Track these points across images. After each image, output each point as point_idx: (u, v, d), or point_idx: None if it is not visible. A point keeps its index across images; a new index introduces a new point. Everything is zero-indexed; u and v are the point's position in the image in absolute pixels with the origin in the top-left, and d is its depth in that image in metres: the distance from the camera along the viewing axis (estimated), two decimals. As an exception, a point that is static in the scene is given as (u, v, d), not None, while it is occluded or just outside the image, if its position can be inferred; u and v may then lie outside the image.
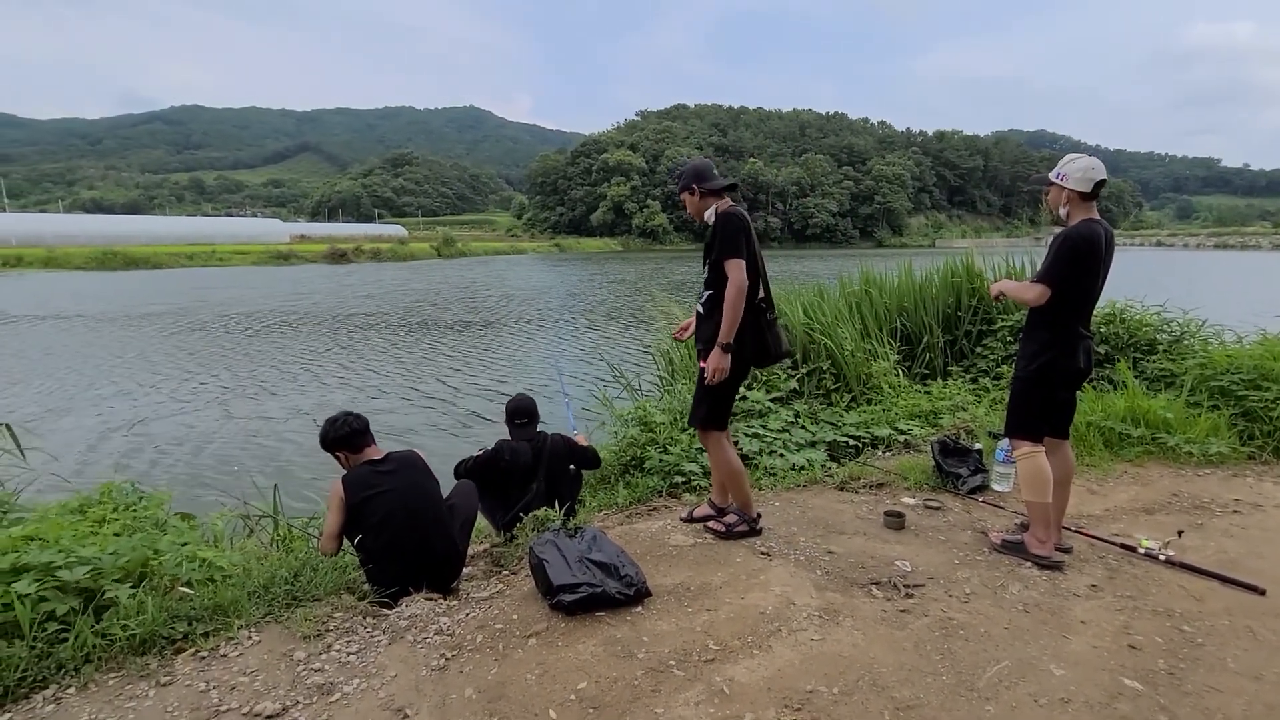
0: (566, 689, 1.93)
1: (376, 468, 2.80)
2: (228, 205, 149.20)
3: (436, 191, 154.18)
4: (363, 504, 2.70)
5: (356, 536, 2.72)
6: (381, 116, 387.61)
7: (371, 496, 2.71)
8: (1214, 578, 2.60)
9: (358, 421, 2.89)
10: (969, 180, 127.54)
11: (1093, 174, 2.57)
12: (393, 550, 2.65)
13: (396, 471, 2.80)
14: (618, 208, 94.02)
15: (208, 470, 6.46)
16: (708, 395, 2.79)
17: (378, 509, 2.69)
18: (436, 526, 2.76)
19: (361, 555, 2.72)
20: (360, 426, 2.88)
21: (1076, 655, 2.11)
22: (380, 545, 2.66)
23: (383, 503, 2.70)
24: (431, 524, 2.75)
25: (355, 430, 2.86)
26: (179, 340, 14.27)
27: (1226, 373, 4.46)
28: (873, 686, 1.94)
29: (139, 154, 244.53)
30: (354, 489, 2.73)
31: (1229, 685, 1.96)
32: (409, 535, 2.67)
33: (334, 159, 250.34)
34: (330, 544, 2.76)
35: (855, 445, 4.45)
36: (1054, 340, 2.65)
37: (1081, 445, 4.00)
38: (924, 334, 6.20)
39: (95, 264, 36.80)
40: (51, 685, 1.93)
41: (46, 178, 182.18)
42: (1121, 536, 2.94)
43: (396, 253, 51.54)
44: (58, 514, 2.83)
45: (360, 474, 2.78)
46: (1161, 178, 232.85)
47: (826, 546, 2.89)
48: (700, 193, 2.79)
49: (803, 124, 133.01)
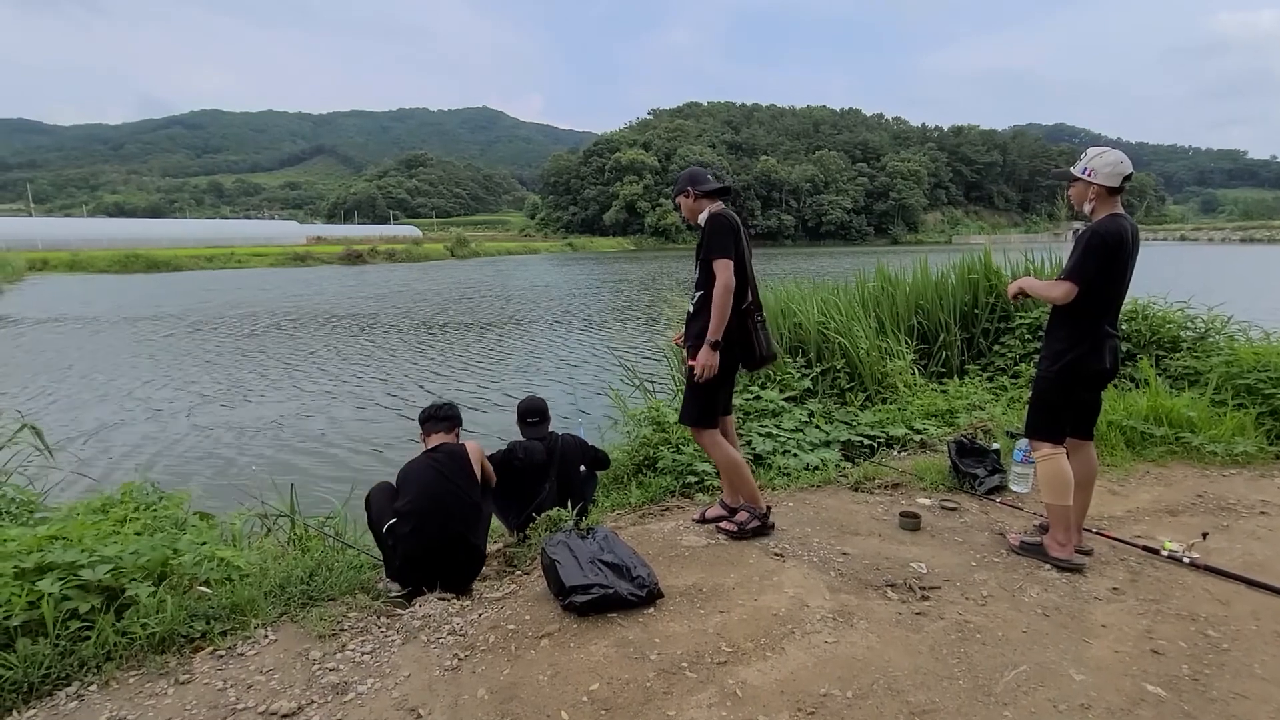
0: (579, 690, 1.93)
1: (429, 454, 2.93)
2: (246, 208, 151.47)
3: (450, 192, 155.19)
4: (403, 482, 2.84)
5: (390, 522, 2.76)
6: (396, 118, 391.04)
7: (410, 478, 2.83)
8: (1240, 581, 2.54)
9: (436, 410, 3.10)
10: (986, 176, 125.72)
11: (1121, 168, 2.52)
12: (416, 538, 2.67)
13: (437, 463, 2.88)
14: (630, 207, 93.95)
15: (228, 469, 6.56)
16: (696, 392, 2.85)
17: (409, 494, 2.78)
18: (459, 523, 2.77)
19: (390, 540, 2.74)
20: (431, 414, 3.09)
21: (1097, 660, 2.07)
22: (407, 531, 2.70)
23: (414, 489, 2.79)
24: (454, 520, 2.76)
25: (428, 416, 3.09)
26: (200, 340, 14.49)
27: (1253, 370, 4.36)
28: (887, 690, 1.92)
29: (160, 158, 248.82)
30: (404, 468, 2.89)
31: (1256, 691, 1.92)
32: (432, 526, 2.70)
33: (349, 161, 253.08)
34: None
35: (870, 445, 4.41)
36: (1079, 339, 2.59)
37: (1103, 445, 3.92)
38: (940, 332, 6.12)
39: (118, 267, 37.53)
40: (74, 682, 1.97)
41: (71, 183, 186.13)
42: (1144, 538, 2.88)
43: (411, 254, 51.91)
44: (81, 514, 2.88)
45: (417, 460, 2.93)
46: (1185, 171, 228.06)
47: (841, 548, 2.86)
48: (695, 195, 2.90)
49: (816, 121, 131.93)
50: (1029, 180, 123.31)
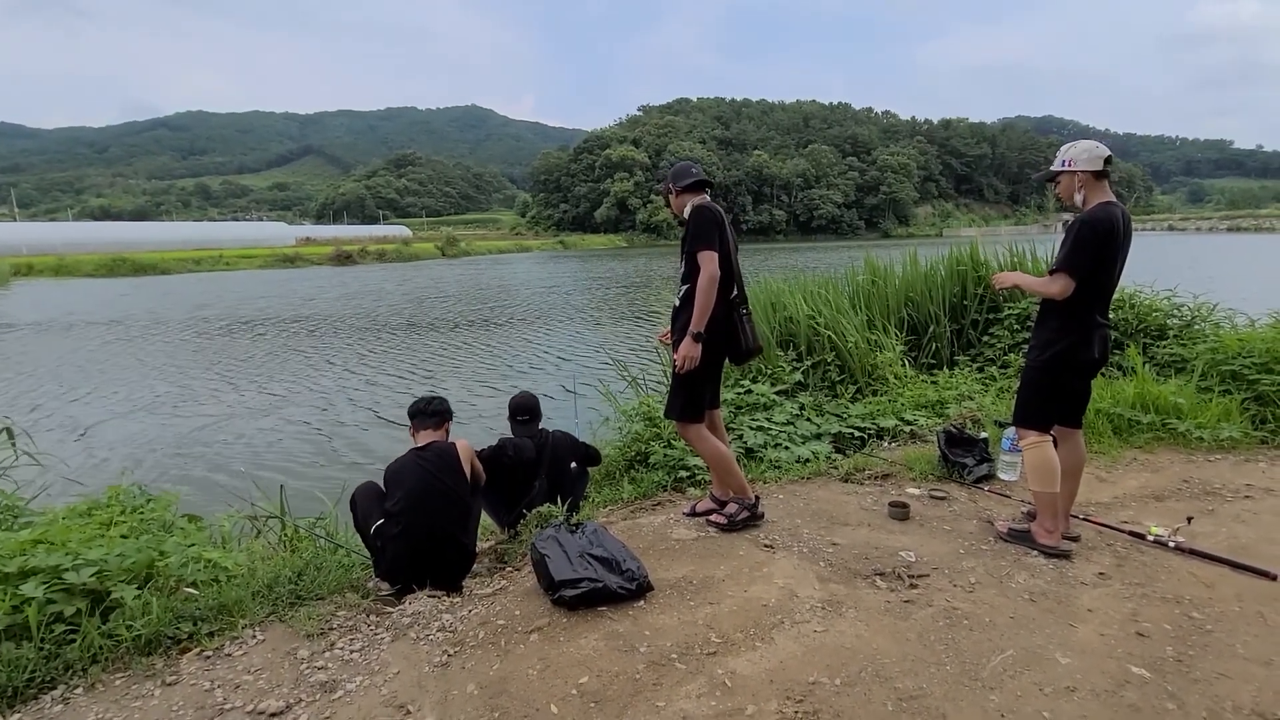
0: (568, 683, 1.93)
1: (418, 453, 2.89)
2: (234, 210, 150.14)
3: (440, 191, 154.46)
4: (390, 481, 2.81)
5: (377, 523, 2.73)
6: (384, 118, 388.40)
7: (399, 477, 2.80)
8: (1224, 564, 2.57)
9: (426, 404, 3.06)
10: (976, 168, 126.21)
11: (1098, 151, 2.54)
12: (404, 539, 2.66)
13: (425, 462, 2.84)
14: (621, 204, 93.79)
15: (217, 472, 6.51)
16: (681, 385, 2.84)
17: (397, 494, 2.75)
18: (447, 522, 2.76)
19: (379, 541, 2.72)
20: (420, 409, 3.05)
21: (1083, 643, 2.08)
22: (396, 532, 2.68)
23: (406, 487, 2.76)
24: (443, 519, 2.75)
25: (417, 408, 3.05)
26: (188, 344, 14.38)
27: (1239, 357, 4.40)
28: (876, 677, 1.93)
29: (145, 161, 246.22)
30: (392, 466, 2.85)
31: (1238, 671, 1.94)
32: (421, 526, 2.68)
33: (338, 161, 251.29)
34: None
35: (861, 437, 4.42)
36: (1068, 328, 2.59)
37: (1091, 432, 3.96)
38: (930, 324, 6.15)
39: (105, 271, 37.08)
40: (59, 686, 1.95)
41: (55, 186, 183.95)
42: (1131, 524, 2.91)
43: (401, 253, 51.66)
44: (65, 518, 2.86)
45: (404, 456, 2.89)
46: (1173, 161, 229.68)
47: (830, 538, 2.87)
48: (677, 190, 2.91)
49: (806, 115, 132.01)
50: (1018, 173, 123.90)
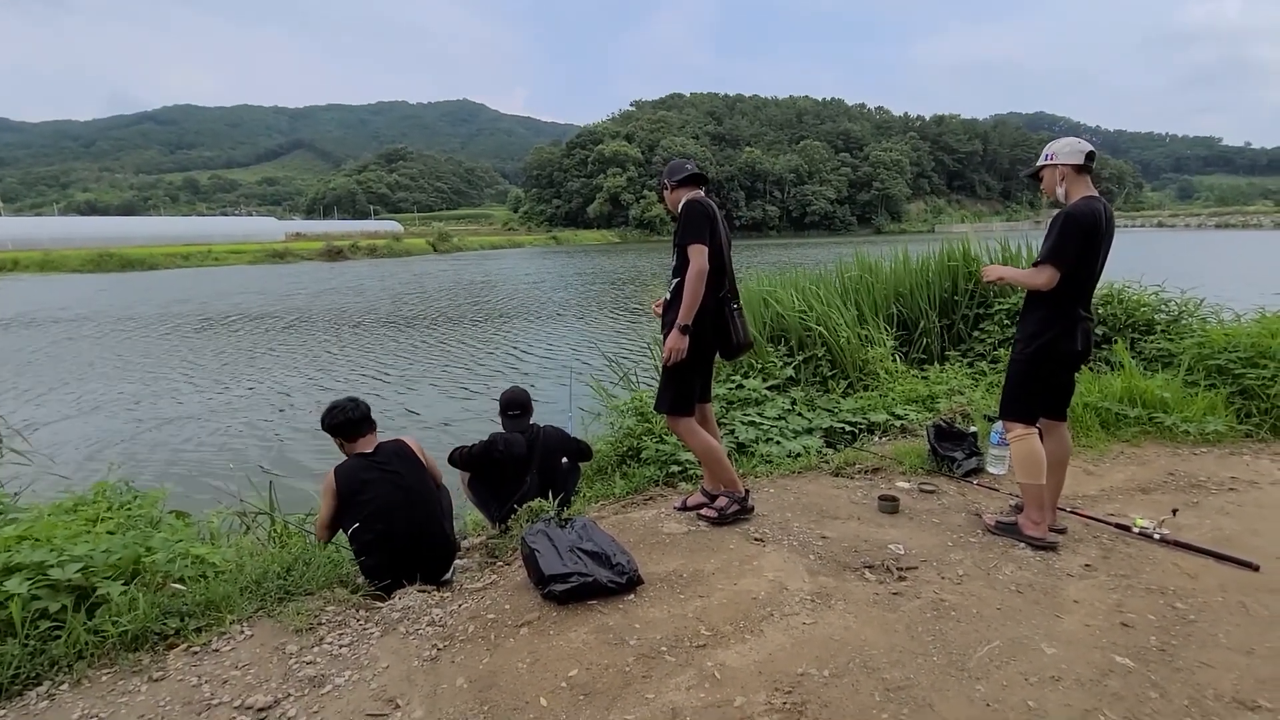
0: (558, 676, 1.93)
1: (370, 459, 2.81)
2: (222, 204, 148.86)
3: (432, 186, 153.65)
4: (354, 495, 2.71)
5: (352, 527, 2.72)
6: (374, 112, 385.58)
7: (363, 488, 2.72)
8: (1208, 555, 2.60)
9: (355, 410, 2.87)
10: (968, 165, 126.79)
11: (1080, 146, 2.58)
12: (385, 542, 2.65)
13: (388, 463, 2.80)
14: (614, 199, 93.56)
15: (207, 468, 6.47)
16: (670, 379, 2.85)
17: (370, 501, 2.70)
18: (428, 518, 2.76)
19: (355, 547, 2.72)
20: (357, 416, 2.86)
21: (1068, 634, 2.11)
22: (373, 537, 2.67)
23: (374, 494, 2.71)
24: (423, 515, 2.75)
25: (351, 419, 2.85)
26: (178, 340, 14.25)
27: (1224, 351, 4.45)
28: (864, 668, 1.94)
29: (132, 155, 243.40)
30: (345, 480, 2.74)
31: (1220, 660, 1.96)
32: (401, 527, 2.67)
33: (328, 156, 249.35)
34: (323, 533, 2.79)
35: (852, 431, 4.44)
36: (1052, 321, 2.61)
37: (1078, 426, 3.99)
38: (921, 319, 6.18)
39: (91, 266, 36.65)
40: (45, 682, 1.93)
41: (41, 181, 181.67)
42: (1117, 516, 2.94)
43: (392, 249, 51.35)
44: (51, 514, 2.83)
45: (352, 465, 2.78)
46: (1162, 158, 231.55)
47: (820, 531, 2.88)
48: (671, 185, 2.93)
49: (799, 111, 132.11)
50: (1010, 169, 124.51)
